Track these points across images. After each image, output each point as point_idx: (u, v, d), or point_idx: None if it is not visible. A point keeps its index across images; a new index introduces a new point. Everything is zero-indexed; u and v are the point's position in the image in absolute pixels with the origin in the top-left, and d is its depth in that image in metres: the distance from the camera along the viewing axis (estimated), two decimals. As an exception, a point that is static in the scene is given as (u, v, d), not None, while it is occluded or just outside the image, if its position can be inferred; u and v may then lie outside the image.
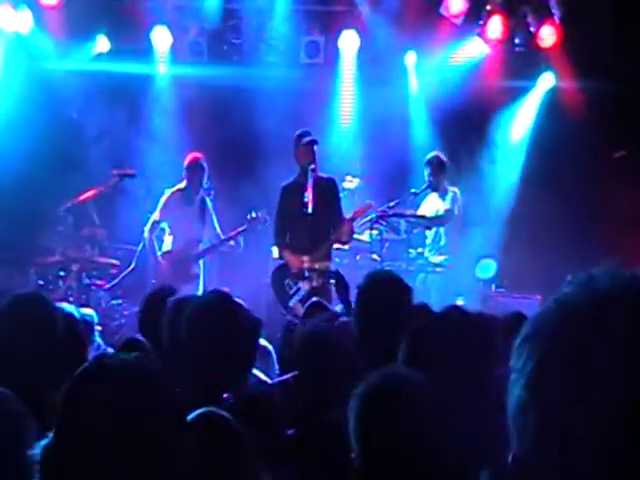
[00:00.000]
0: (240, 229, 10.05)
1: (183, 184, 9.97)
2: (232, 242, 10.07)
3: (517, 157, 11.61)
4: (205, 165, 9.96)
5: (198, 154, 10.02)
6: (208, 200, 10.17)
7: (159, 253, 9.97)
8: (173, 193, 9.98)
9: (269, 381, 5.09)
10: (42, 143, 10.98)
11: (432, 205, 10.07)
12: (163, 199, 9.98)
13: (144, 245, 10.10)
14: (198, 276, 9.87)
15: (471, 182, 10.90)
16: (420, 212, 10.02)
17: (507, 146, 11.74)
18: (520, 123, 11.88)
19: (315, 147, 9.05)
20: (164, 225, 10.01)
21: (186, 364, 3.85)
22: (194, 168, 9.89)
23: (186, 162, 9.95)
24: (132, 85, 11.92)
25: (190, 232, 9.98)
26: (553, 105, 11.63)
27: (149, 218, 10.08)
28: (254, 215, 9.88)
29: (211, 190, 10.92)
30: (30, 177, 10.73)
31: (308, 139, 9.04)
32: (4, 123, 11.23)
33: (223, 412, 2.92)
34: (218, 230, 10.17)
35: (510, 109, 11.94)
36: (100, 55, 11.91)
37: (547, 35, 11.40)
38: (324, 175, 9.22)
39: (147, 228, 10.01)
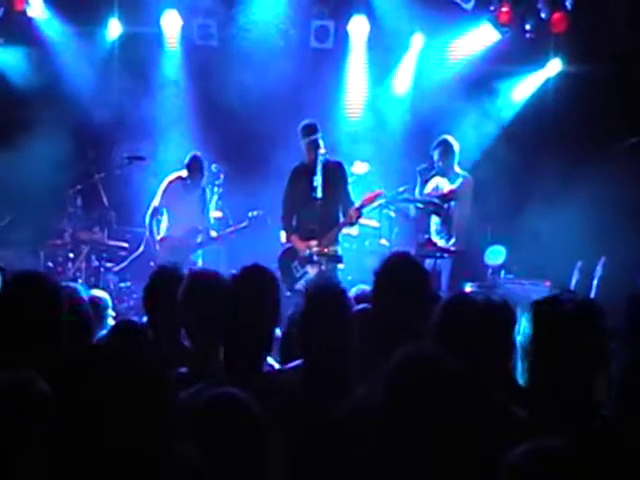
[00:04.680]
0: (240, 225, 10.12)
1: (185, 173, 9.97)
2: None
3: (526, 143, 11.57)
4: (204, 165, 9.97)
5: (197, 153, 10.01)
6: (208, 190, 10.21)
7: (157, 238, 10.01)
8: (174, 180, 9.99)
9: (278, 366, 5.10)
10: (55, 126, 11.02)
11: (437, 187, 10.04)
12: (163, 185, 10.00)
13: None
14: (196, 264, 9.87)
15: (480, 168, 10.90)
16: (424, 194, 9.99)
17: (516, 132, 11.71)
18: (530, 109, 11.86)
19: (319, 142, 9.08)
20: (163, 211, 10.03)
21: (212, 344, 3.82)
22: (193, 169, 9.91)
23: (186, 160, 9.96)
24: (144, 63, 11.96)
25: (190, 221, 10.00)
26: (563, 91, 11.60)
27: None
28: (255, 213, 9.94)
29: (220, 174, 10.95)
30: (42, 158, 10.75)
31: (311, 139, 9.08)
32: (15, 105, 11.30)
33: (240, 392, 2.93)
34: (212, 222, 10.21)
35: (519, 95, 11.93)
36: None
37: (558, 21, 11.36)
38: (332, 159, 9.23)
39: (148, 213, 10.03)
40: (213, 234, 10.17)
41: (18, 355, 3.56)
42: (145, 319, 5.38)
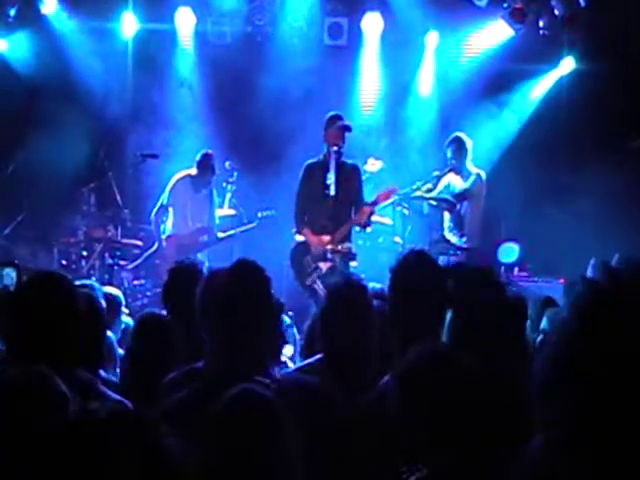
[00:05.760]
0: (249, 226, 10.14)
1: (194, 171, 9.98)
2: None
3: (540, 140, 11.54)
4: (215, 163, 10.00)
5: (209, 151, 10.03)
6: (214, 190, 10.25)
7: (163, 236, 10.02)
8: (182, 178, 9.99)
9: (290, 364, 5.10)
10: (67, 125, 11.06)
11: (450, 184, 10.02)
12: (171, 183, 10.00)
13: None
14: (203, 264, 9.84)
15: (493, 165, 10.90)
16: (437, 191, 9.98)
17: (530, 129, 11.68)
18: (543, 106, 11.83)
19: (347, 133, 9.03)
20: (170, 209, 10.04)
21: (217, 340, 3.78)
22: (204, 166, 9.92)
23: (198, 157, 9.96)
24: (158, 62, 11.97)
25: (197, 220, 10.02)
26: (577, 88, 11.57)
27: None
28: (265, 214, 9.93)
29: (233, 171, 10.96)
30: (56, 155, 10.78)
31: (343, 123, 9.00)
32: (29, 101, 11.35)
33: (261, 389, 2.92)
34: (217, 221, 10.22)
35: (533, 92, 11.91)
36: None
37: (572, 19, 11.32)
38: (348, 161, 9.18)
39: (154, 210, 10.05)
40: (220, 235, 10.18)
41: (36, 355, 3.57)
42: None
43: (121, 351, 5.17)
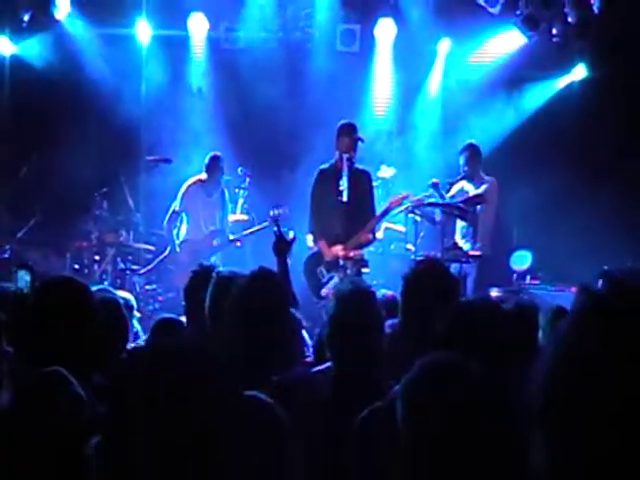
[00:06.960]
0: (262, 226, 10.13)
1: (204, 176, 10.03)
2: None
3: (553, 147, 11.52)
4: (223, 165, 10.09)
5: (216, 153, 10.10)
6: (226, 192, 10.29)
7: (177, 242, 10.04)
8: (193, 184, 10.04)
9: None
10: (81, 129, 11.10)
11: (463, 189, 10.00)
12: (183, 189, 10.04)
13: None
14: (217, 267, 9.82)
15: (506, 171, 10.87)
16: (449, 195, 9.95)
17: (543, 136, 11.66)
18: (556, 113, 11.80)
19: (360, 143, 9.03)
20: (183, 215, 10.07)
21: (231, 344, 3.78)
22: (213, 168, 10.00)
23: (206, 160, 10.04)
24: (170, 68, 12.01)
25: (210, 223, 10.05)
26: (588, 94, 11.55)
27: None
28: (277, 212, 9.91)
29: (246, 176, 10.98)
30: (67, 162, 10.80)
31: (358, 136, 8.99)
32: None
33: (265, 397, 2.92)
34: (229, 224, 10.25)
35: (546, 99, 11.90)
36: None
37: (584, 26, 11.31)
38: (360, 167, 9.18)
39: (166, 217, 10.07)
40: (232, 237, 10.21)
41: (51, 358, 3.56)
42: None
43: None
